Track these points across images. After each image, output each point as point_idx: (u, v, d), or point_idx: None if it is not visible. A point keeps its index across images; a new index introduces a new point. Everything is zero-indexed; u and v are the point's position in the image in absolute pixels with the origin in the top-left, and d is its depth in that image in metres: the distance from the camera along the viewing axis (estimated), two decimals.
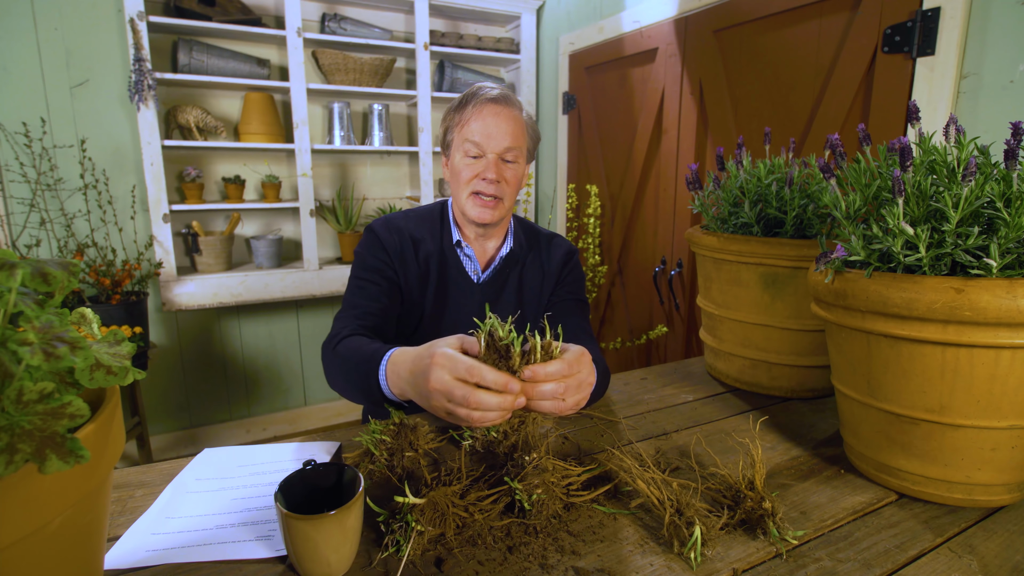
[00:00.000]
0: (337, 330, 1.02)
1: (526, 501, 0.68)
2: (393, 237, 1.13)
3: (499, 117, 1.07)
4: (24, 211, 2.28)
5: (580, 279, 1.24)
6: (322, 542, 0.58)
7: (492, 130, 1.06)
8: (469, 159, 1.08)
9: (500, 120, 1.06)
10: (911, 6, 1.34)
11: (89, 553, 0.46)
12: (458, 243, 1.16)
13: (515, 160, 1.10)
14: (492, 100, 1.07)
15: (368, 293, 1.10)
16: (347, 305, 1.10)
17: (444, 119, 1.15)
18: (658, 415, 1.04)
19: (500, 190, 1.09)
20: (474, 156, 1.08)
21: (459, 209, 1.13)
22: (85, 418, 0.39)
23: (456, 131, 1.10)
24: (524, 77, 2.98)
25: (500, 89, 1.09)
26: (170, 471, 0.84)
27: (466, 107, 1.08)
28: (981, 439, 0.70)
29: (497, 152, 1.07)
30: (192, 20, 2.31)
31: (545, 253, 1.23)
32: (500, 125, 1.06)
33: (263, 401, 2.98)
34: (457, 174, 1.10)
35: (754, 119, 1.80)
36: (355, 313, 1.06)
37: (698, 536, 0.63)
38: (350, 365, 0.90)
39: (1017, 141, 0.67)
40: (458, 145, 1.10)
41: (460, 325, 1.16)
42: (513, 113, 1.09)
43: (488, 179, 1.07)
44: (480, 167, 1.08)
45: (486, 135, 1.06)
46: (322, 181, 2.89)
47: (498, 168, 1.08)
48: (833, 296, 0.77)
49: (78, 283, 0.63)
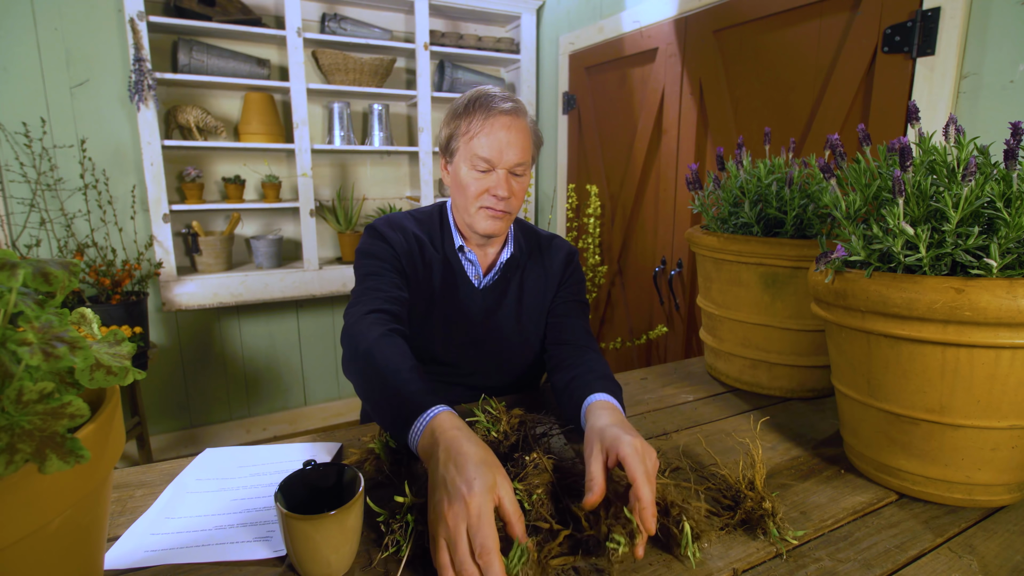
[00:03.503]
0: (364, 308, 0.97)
1: (526, 501, 0.68)
2: (398, 235, 1.11)
3: (510, 131, 1.04)
4: (24, 211, 2.28)
5: (581, 281, 1.24)
6: (322, 542, 0.58)
7: (503, 146, 1.03)
8: (478, 173, 1.06)
9: (511, 134, 1.04)
10: (911, 6, 1.34)
11: (89, 553, 0.46)
12: (460, 248, 1.14)
13: (523, 173, 1.09)
14: (503, 113, 1.04)
15: (386, 280, 1.05)
16: (367, 289, 1.03)
17: (448, 123, 1.10)
18: (658, 415, 1.04)
19: (509, 205, 1.08)
20: (483, 171, 1.05)
21: (464, 220, 1.12)
22: (85, 418, 0.39)
23: (462, 140, 1.06)
24: (524, 77, 2.98)
25: (509, 99, 1.06)
26: (170, 471, 0.84)
27: (473, 116, 1.05)
28: (981, 439, 0.70)
29: (508, 167, 1.05)
30: (192, 20, 2.31)
31: (546, 256, 1.22)
32: (511, 140, 1.04)
33: (263, 401, 2.98)
34: (464, 187, 1.07)
35: (754, 119, 1.80)
36: (379, 296, 1.01)
37: (688, 533, 0.63)
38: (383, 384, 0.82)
39: (1017, 141, 0.67)
40: (464, 156, 1.06)
41: (462, 328, 1.15)
42: (523, 125, 1.06)
43: (499, 196, 1.05)
44: (491, 182, 1.05)
45: (497, 151, 1.03)
46: (322, 181, 2.89)
47: (508, 184, 1.06)
48: (833, 296, 0.77)
49: (78, 283, 0.63)
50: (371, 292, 1.02)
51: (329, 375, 3.11)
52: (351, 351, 0.90)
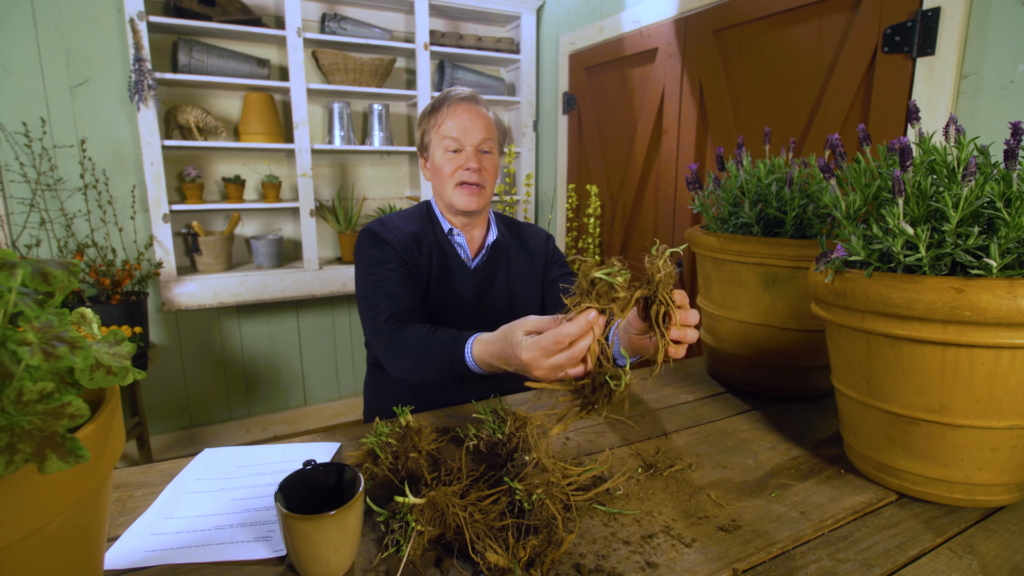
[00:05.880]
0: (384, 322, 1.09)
1: (526, 501, 0.68)
2: (394, 234, 1.20)
3: (471, 113, 1.20)
4: (24, 211, 2.28)
5: (562, 256, 1.41)
6: (322, 542, 0.58)
7: (467, 125, 1.19)
8: (450, 154, 1.20)
9: (473, 116, 1.20)
10: (911, 6, 1.34)
11: (89, 553, 0.46)
12: (450, 231, 1.26)
13: (490, 150, 1.23)
14: (463, 99, 1.21)
15: (394, 281, 1.15)
16: (379, 297, 1.13)
17: (420, 124, 1.27)
18: (658, 415, 1.04)
19: (482, 178, 1.21)
20: (454, 151, 1.20)
21: (445, 202, 1.24)
22: (85, 418, 0.39)
23: (433, 132, 1.22)
24: (524, 77, 2.98)
25: (467, 90, 1.24)
26: (170, 471, 0.84)
27: (440, 109, 1.22)
28: (981, 439, 0.70)
29: (475, 144, 1.20)
30: (192, 20, 2.31)
31: (526, 240, 1.37)
32: (474, 120, 1.20)
33: (263, 401, 2.98)
34: (440, 169, 1.22)
35: (754, 119, 1.80)
36: (390, 303, 1.12)
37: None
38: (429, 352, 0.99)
39: (1017, 141, 0.67)
40: (437, 143, 1.22)
41: (459, 308, 1.24)
42: (482, 110, 1.23)
43: (471, 168, 1.19)
44: (462, 159, 1.20)
45: (463, 130, 1.19)
46: (322, 181, 2.89)
47: (478, 158, 1.20)
48: (833, 296, 0.77)
49: (78, 283, 0.63)
50: (387, 299, 1.13)
51: (329, 375, 3.11)
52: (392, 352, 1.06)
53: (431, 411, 1.06)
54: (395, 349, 1.06)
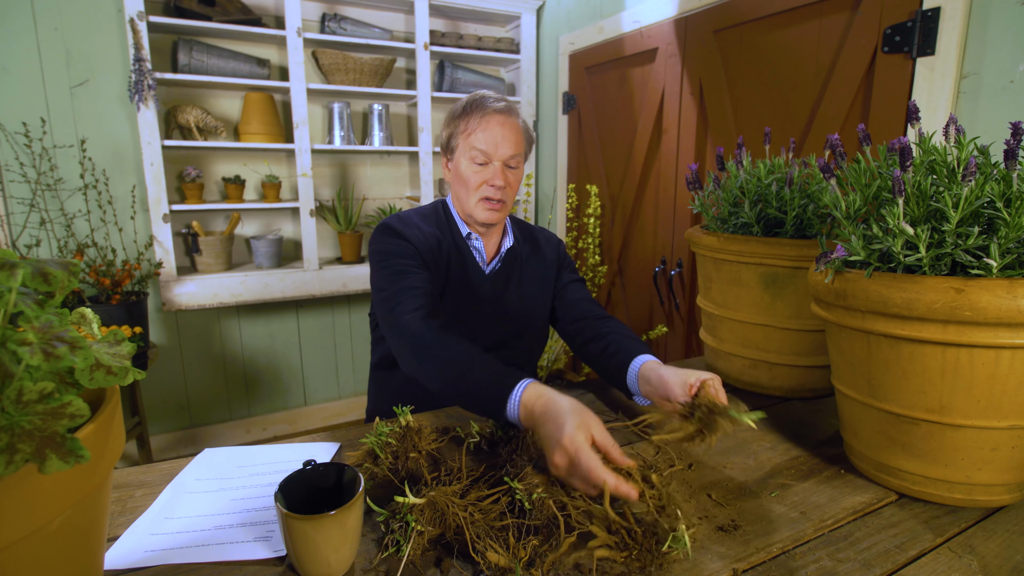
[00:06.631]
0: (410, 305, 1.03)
1: (526, 501, 0.68)
2: (414, 231, 1.18)
3: (504, 127, 1.16)
4: (24, 211, 2.28)
5: (572, 261, 1.40)
6: (322, 542, 0.58)
7: (498, 140, 1.16)
8: (476, 166, 1.17)
9: (505, 130, 1.16)
10: (911, 6, 1.34)
11: (89, 553, 0.46)
12: (468, 235, 1.24)
13: (517, 166, 1.21)
14: (498, 112, 1.17)
15: (416, 276, 1.10)
16: (400, 288, 1.07)
17: (448, 123, 1.23)
18: (658, 415, 1.04)
19: (506, 194, 1.19)
20: (481, 163, 1.17)
21: (465, 211, 1.22)
22: (85, 418, 0.39)
23: (462, 138, 1.19)
24: (524, 77, 2.98)
25: (503, 100, 1.20)
26: (170, 471, 0.84)
27: (471, 115, 1.18)
28: (981, 439, 0.70)
29: (503, 159, 1.17)
30: (192, 20, 2.31)
31: (540, 246, 1.36)
32: (505, 135, 1.16)
33: (263, 401, 2.98)
34: (465, 180, 1.19)
35: (754, 119, 1.80)
36: (417, 292, 1.06)
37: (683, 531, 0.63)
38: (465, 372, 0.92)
39: (1017, 141, 0.67)
40: (464, 151, 1.18)
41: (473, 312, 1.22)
42: (515, 122, 1.19)
43: (496, 186, 1.17)
44: (488, 174, 1.17)
45: (493, 144, 1.16)
46: (322, 181, 2.89)
47: (504, 175, 1.18)
48: (833, 296, 0.77)
49: (78, 283, 0.63)
50: (409, 291, 1.07)
51: (329, 375, 3.11)
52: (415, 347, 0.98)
53: (431, 411, 1.06)
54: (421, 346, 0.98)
